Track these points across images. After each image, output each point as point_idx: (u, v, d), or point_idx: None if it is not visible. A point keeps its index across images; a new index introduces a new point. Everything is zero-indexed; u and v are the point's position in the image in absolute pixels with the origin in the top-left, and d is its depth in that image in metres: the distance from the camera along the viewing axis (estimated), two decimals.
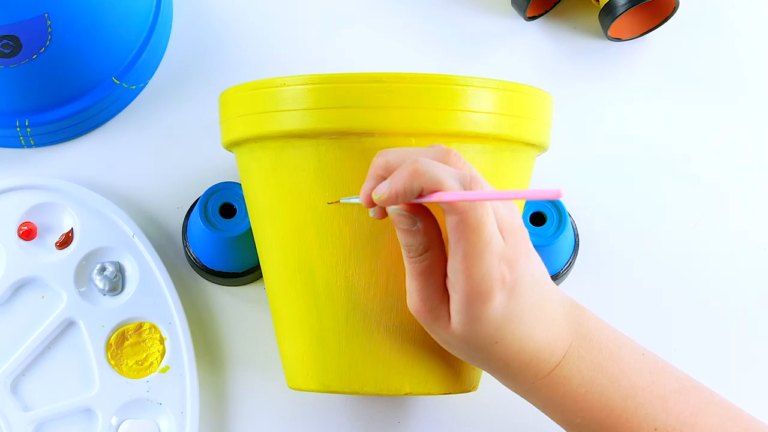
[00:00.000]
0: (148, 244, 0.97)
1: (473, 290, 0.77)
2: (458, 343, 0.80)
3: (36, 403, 0.95)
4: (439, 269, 0.79)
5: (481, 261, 0.76)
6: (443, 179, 0.76)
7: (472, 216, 0.76)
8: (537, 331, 0.80)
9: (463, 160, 0.78)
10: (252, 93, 0.85)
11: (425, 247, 0.79)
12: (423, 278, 0.79)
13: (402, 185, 0.77)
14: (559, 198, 0.69)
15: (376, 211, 0.80)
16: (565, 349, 0.81)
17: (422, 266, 0.79)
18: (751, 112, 1.04)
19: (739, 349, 0.98)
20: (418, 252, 0.79)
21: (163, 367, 0.95)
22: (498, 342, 0.79)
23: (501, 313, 0.78)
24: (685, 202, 1.01)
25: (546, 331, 0.80)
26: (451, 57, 1.04)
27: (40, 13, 0.90)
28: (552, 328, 0.81)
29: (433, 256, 0.79)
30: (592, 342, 0.82)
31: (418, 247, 0.79)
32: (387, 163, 0.79)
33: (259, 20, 1.05)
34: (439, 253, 0.79)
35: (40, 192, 0.98)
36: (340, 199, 0.82)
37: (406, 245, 0.79)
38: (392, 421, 0.96)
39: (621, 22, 1.04)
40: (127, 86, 1.01)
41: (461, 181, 0.76)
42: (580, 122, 1.03)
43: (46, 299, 0.97)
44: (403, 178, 0.77)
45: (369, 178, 0.79)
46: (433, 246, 0.79)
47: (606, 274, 0.99)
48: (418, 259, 0.79)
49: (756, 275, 0.99)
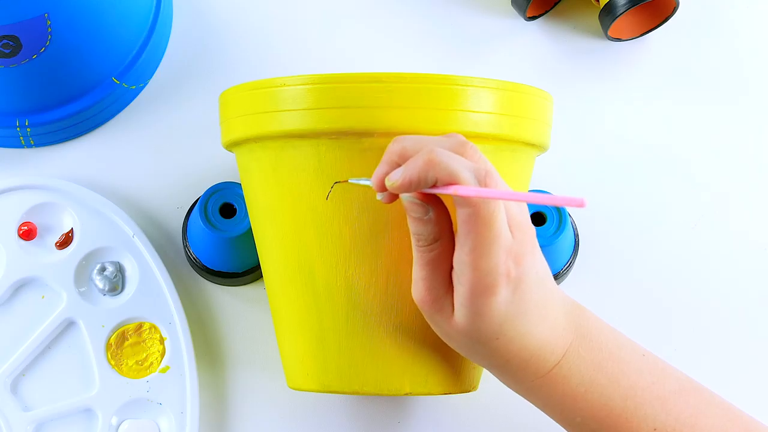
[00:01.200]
0: (148, 244, 0.97)
1: (479, 283, 0.77)
2: (460, 336, 0.80)
3: (36, 403, 0.95)
4: (447, 260, 0.79)
5: (489, 254, 0.76)
6: (458, 172, 0.76)
7: (484, 210, 0.76)
8: (538, 329, 0.80)
9: (480, 153, 0.78)
10: (252, 93, 0.85)
11: (435, 237, 0.79)
12: (431, 268, 0.79)
13: (417, 174, 0.77)
14: (582, 206, 0.68)
15: (386, 196, 0.80)
16: (566, 348, 0.81)
17: (431, 255, 0.79)
18: (751, 112, 1.04)
19: (739, 348, 0.98)
20: (428, 241, 0.79)
21: (163, 367, 0.95)
22: (499, 338, 0.79)
23: (504, 309, 0.78)
24: (685, 202, 1.01)
25: (547, 329, 0.80)
26: (451, 57, 1.04)
27: (40, 13, 0.90)
28: (553, 327, 0.81)
29: (442, 246, 0.79)
30: (592, 342, 0.82)
31: (428, 237, 0.79)
32: (403, 149, 0.78)
33: (259, 20, 1.05)
34: (449, 243, 0.79)
35: (40, 192, 0.98)
36: (349, 179, 0.82)
37: (416, 234, 0.79)
38: (392, 421, 0.96)
39: (621, 22, 1.04)
40: (127, 86, 1.01)
41: (476, 175, 0.76)
42: (580, 122, 1.03)
43: (46, 299, 0.97)
44: (417, 166, 0.77)
45: (383, 163, 0.79)
46: (443, 236, 0.79)
47: (606, 274, 0.99)
48: (428, 249, 0.79)
49: (756, 275, 0.99)
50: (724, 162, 1.02)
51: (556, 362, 0.81)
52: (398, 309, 0.84)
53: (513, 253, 0.77)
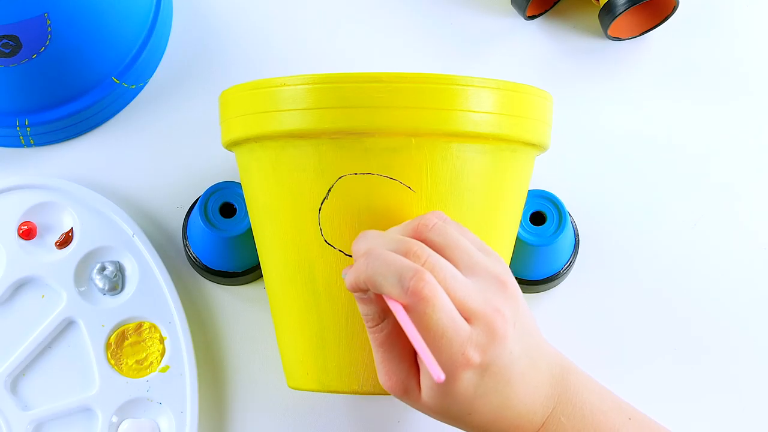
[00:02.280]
0: (148, 244, 0.97)
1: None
2: (432, 413, 0.78)
3: (36, 403, 0.95)
4: (400, 339, 0.78)
5: (438, 351, 0.74)
6: (381, 282, 0.75)
7: (415, 315, 0.74)
8: (515, 402, 0.77)
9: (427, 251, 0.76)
10: (252, 92, 0.85)
11: (380, 316, 0.78)
12: (384, 349, 0.78)
13: (353, 279, 0.77)
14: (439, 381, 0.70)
15: None
16: (546, 416, 0.78)
17: (382, 336, 0.78)
18: (751, 111, 1.04)
19: (740, 348, 0.98)
20: (375, 321, 0.78)
21: (162, 367, 0.95)
22: (472, 414, 0.77)
23: (473, 391, 0.76)
24: (685, 201, 1.01)
25: (528, 398, 0.78)
26: (451, 56, 1.04)
27: (39, 13, 0.90)
28: (534, 396, 0.78)
29: (390, 326, 0.78)
30: (575, 408, 0.79)
31: (374, 316, 0.78)
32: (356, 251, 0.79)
33: (259, 20, 1.05)
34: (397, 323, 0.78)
35: (40, 191, 0.98)
36: None
37: (363, 314, 0.79)
38: (392, 420, 0.96)
39: (621, 22, 1.03)
40: (127, 86, 1.01)
41: (402, 280, 0.74)
42: (579, 122, 1.03)
43: (46, 299, 0.97)
44: (355, 270, 0.77)
45: None
46: (390, 315, 0.78)
47: (606, 274, 0.99)
48: (377, 329, 0.78)
49: (756, 274, 0.99)
50: (724, 161, 1.02)
51: (536, 431, 0.79)
52: None
53: (473, 342, 0.74)
